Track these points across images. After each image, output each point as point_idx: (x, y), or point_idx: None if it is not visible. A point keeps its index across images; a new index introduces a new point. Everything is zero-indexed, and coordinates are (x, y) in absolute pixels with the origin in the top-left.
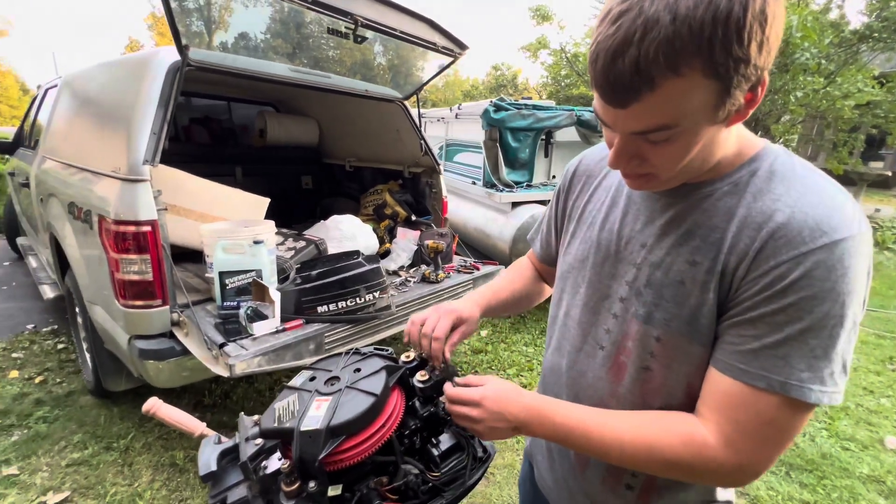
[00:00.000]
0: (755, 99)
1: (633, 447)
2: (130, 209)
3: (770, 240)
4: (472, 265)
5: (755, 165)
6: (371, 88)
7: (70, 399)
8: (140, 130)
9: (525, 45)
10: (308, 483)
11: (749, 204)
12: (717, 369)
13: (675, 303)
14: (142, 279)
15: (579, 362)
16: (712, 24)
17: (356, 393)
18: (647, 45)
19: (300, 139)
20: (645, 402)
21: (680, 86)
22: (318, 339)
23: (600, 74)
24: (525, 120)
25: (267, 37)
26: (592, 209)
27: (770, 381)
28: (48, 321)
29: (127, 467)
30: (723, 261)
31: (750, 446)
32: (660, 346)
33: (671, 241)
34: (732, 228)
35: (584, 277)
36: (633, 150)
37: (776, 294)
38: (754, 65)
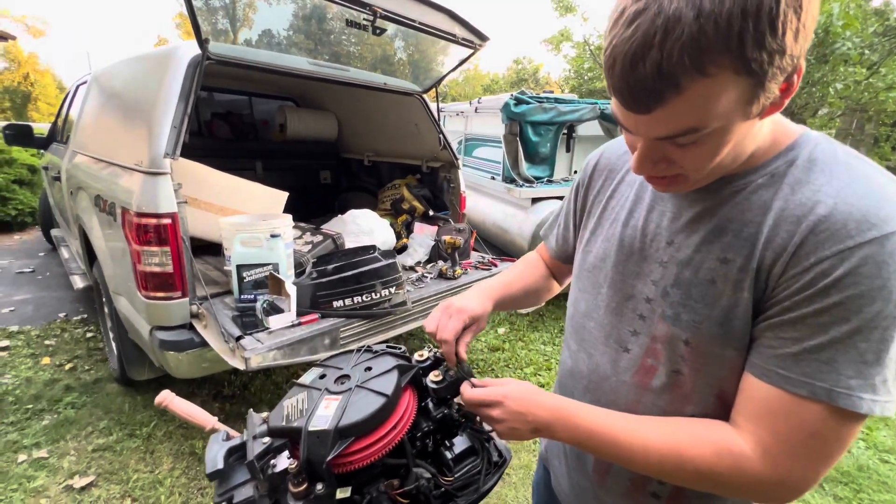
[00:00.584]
0: (791, 88)
1: (661, 455)
2: (151, 202)
3: (811, 234)
4: (489, 262)
5: (793, 154)
6: (390, 81)
7: (97, 386)
8: (161, 124)
9: (547, 38)
10: (316, 485)
11: (787, 196)
12: (753, 375)
13: (704, 303)
14: (162, 271)
15: (602, 366)
16: (742, 18)
17: (366, 393)
18: (670, 46)
19: (319, 134)
20: (674, 410)
21: (708, 87)
22: (334, 333)
23: (619, 80)
24: (546, 114)
25: (290, 33)
26: (615, 205)
27: (814, 388)
28: (78, 310)
29: (149, 454)
30: (758, 257)
31: (792, 460)
32: (689, 349)
33: (700, 237)
34: (769, 222)
35: (606, 277)
36: (659, 154)
37: (819, 293)
38: (790, 54)
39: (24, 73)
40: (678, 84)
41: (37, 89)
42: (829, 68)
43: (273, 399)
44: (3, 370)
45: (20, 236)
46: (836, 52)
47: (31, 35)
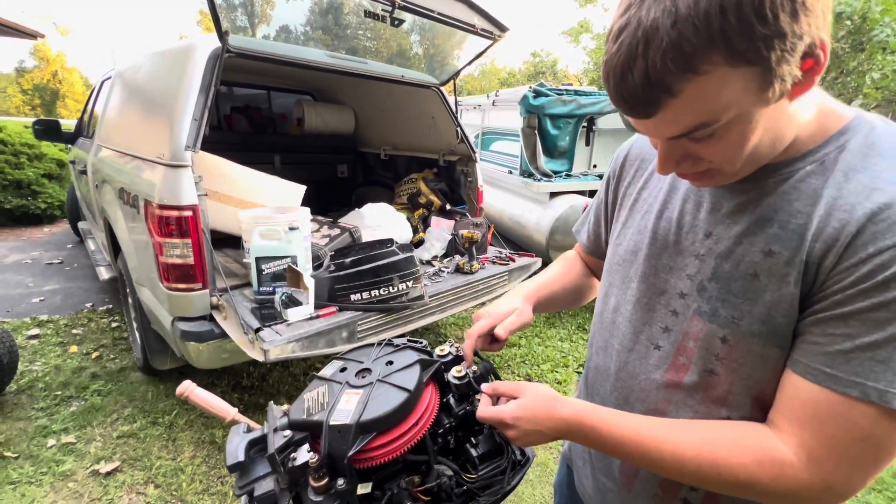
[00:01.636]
0: (818, 65)
1: (697, 465)
2: (173, 194)
3: (869, 223)
4: (507, 256)
5: (844, 139)
6: (407, 74)
7: (122, 375)
8: (182, 117)
9: (566, 30)
10: (337, 479)
11: (840, 183)
12: (797, 373)
13: (745, 299)
14: (184, 262)
15: (630, 364)
16: (721, 15)
17: (388, 387)
18: (653, 55)
19: (337, 128)
20: (707, 412)
21: (706, 83)
22: (351, 326)
23: (614, 93)
24: (566, 106)
25: (306, 28)
26: (648, 196)
27: (866, 388)
28: (104, 301)
29: (171, 442)
30: (806, 250)
31: (839, 466)
32: (727, 347)
33: (742, 228)
34: (819, 212)
35: (637, 271)
36: (680, 152)
37: (877, 286)
38: (794, 34)
39: (52, 71)
40: (670, 88)
41: (64, 87)
42: (865, 56)
43: (291, 390)
44: (34, 357)
45: (49, 229)
46: (873, 40)
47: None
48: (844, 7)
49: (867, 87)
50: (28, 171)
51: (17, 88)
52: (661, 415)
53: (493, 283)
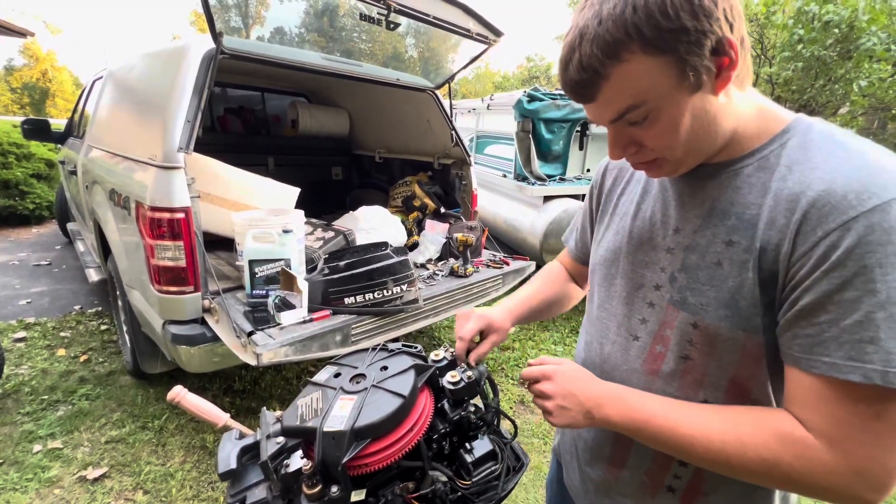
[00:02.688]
0: (732, 62)
1: (723, 442)
2: (165, 196)
3: (812, 208)
4: (501, 260)
5: (786, 137)
6: (403, 77)
7: (111, 378)
8: (175, 118)
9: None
10: (331, 487)
11: (784, 175)
12: (799, 369)
13: (710, 286)
14: (175, 265)
15: (612, 356)
16: (633, 12)
17: (383, 393)
18: (585, 46)
19: (331, 130)
20: (685, 396)
21: (628, 69)
22: (345, 330)
23: (561, 82)
24: (560, 111)
25: (301, 29)
26: (626, 200)
27: (865, 371)
28: (93, 303)
29: (161, 447)
30: (761, 237)
31: (861, 447)
32: (698, 333)
33: (704, 222)
34: (768, 202)
35: (619, 269)
36: (625, 137)
37: (833, 266)
38: (697, 31)
39: (42, 70)
40: (600, 72)
41: (54, 85)
42: (852, 65)
43: (284, 395)
44: (20, 361)
45: (37, 230)
46: (860, 48)
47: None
48: (832, 16)
49: (854, 94)
50: (16, 170)
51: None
52: None
53: (487, 287)
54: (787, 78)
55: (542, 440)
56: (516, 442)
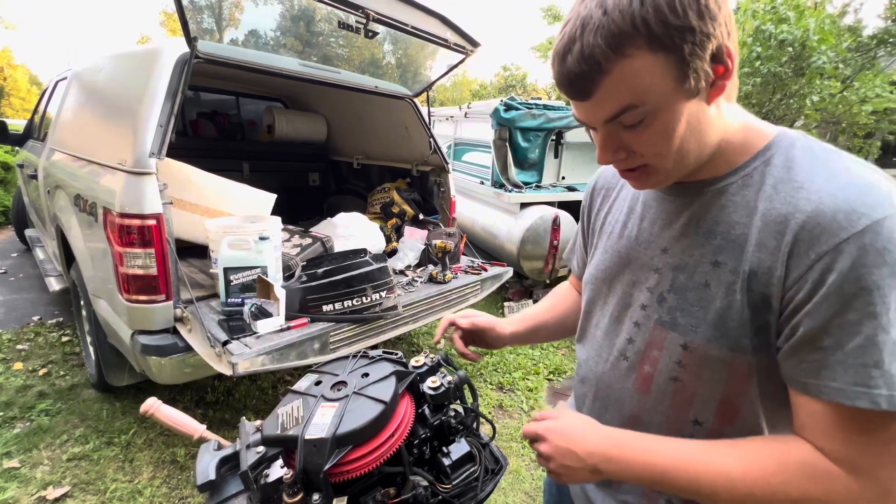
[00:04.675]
0: (728, 71)
1: (748, 486)
2: (135, 202)
3: (803, 230)
4: (479, 266)
5: (769, 154)
6: (381, 85)
7: (73, 392)
8: (146, 123)
9: (536, 46)
10: (312, 495)
11: (770, 196)
12: (808, 395)
13: (700, 306)
14: (146, 273)
15: (605, 374)
16: (640, 4)
17: (364, 400)
18: (587, 36)
19: (308, 136)
20: (677, 416)
21: (631, 65)
22: (323, 338)
23: (557, 74)
24: (535, 120)
25: (277, 34)
26: (612, 220)
27: (872, 397)
28: (53, 313)
29: (128, 463)
30: (750, 259)
31: (882, 469)
32: (687, 354)
33: (691, 241)
34: (756, 223)
35: (608, 288)
36: (616, 141)
37: (830, 290)
38: (702, 32)
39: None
40: (601, 65)
41: (9, 84)
42: (805, 81)
43: (259, 405)
44: None
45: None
46: (812, 66)
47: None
48: (787, 35)
49: (808, 108)
50: None
51: None
52: (636, 421)
53: (465, 293)
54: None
55: (521, 444)
56: (495, 445)
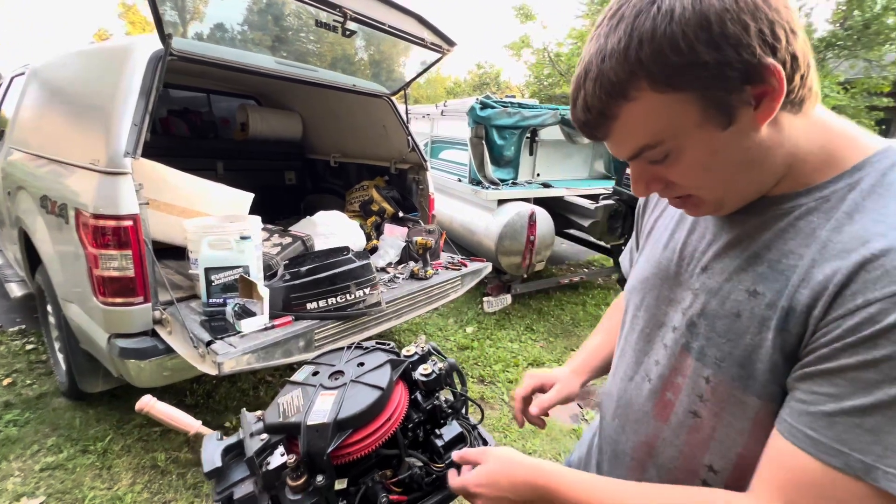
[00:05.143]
0: (776, 90)
1: None
2: (111, 203)
3: (861, 270)
4: (459, 262)
5: (860, 175)
6: (358, 83)
7: (42, 402)
8: (120, 122)
9: (509, 44)
10: (316, 476)
11: (840, 225)
12: (780, 432)
13: (727, 339)
14: (122, 275)
15: (628, 392)
16: (639, 46)
17: (362, 387)
18: (589, 85)
19: (283, 134)
20: (692, 455)
21: (637, 107)
22: (308, 335)
23: (572, 118)
24: (511, 118)
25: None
26: (661, 225)
27: (850, 460)
28: (15, 321)
29: (105, 470)
30: (789, 294)
31: None
32: (710, 389)
33: (733, 264)
34: (811, 254)
35: (643, 300)
36: (647, 174)
37: (864, 341)
38: (719, 63)
39: None
40: (606, 113)
41: None
42: None
43: (239, 406)
44: None
45: None
46: None
47: None
48: None
49: None
50: None
51: None
52: (650, 449)
53: (446, 289)
54: None
55: (503, 433)
56: (482, 427)
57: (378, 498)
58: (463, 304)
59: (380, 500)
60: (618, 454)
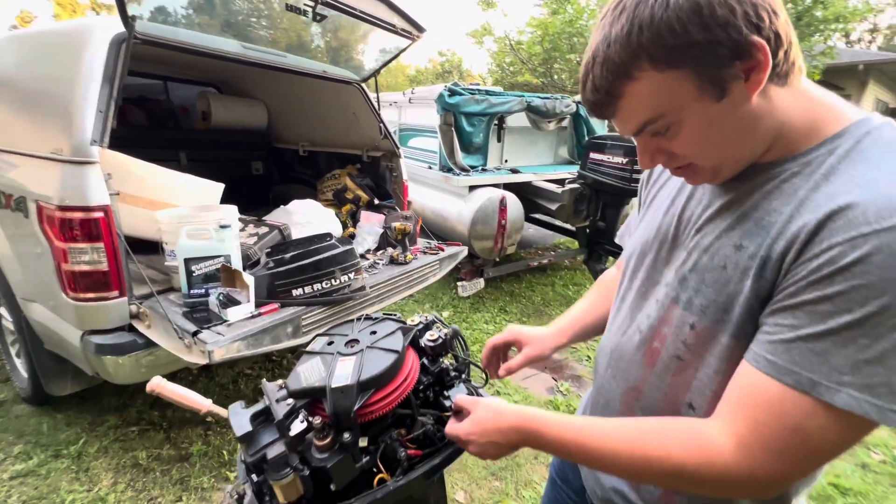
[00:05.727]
0: (761, 65)
1: (630, 461)
2: (78, 194)
3: (828, 220)
4: (436, 246)
5: (838, 142)
6: (329, 69)
7: (1, 410)
8: (84, 109)
9: (470, 32)
10: (342, 434)
11: (817, 185)
12: (746, 360)
13: (714, 289)
14: (95, 269)
15: (621, 345)
16: (640, 32)
17: (378, 351)
18: (597, 69)
19: (248, 122)
20: (675, 395)
21: (641, 86)
22: (296, 321)
23: (583, 101)
24: (479, 105)
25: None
26: (663, 195)
27: (800, 377)
28: None
29: (83, 473)
30: (768, 245)
31: (766, 453)
32: (693, 334)
33: (724, 224)
34: (789, 210)
35: (643, 263)
36: (652, 147)
37: (823, 279)
38: (710, 42)
39: None
40: (612, 93)
41: None
42: None
43: (220, 399)
44: None
45: None
46: None
47: None
48: None
49: None
50: None
51: None
52: (637, 393)
53: (426, 272)
54: None
55: None
56: (484, 391)
57: (397, 453)
58: (438, 290)
59: (399, 455)
60: (609, 402)
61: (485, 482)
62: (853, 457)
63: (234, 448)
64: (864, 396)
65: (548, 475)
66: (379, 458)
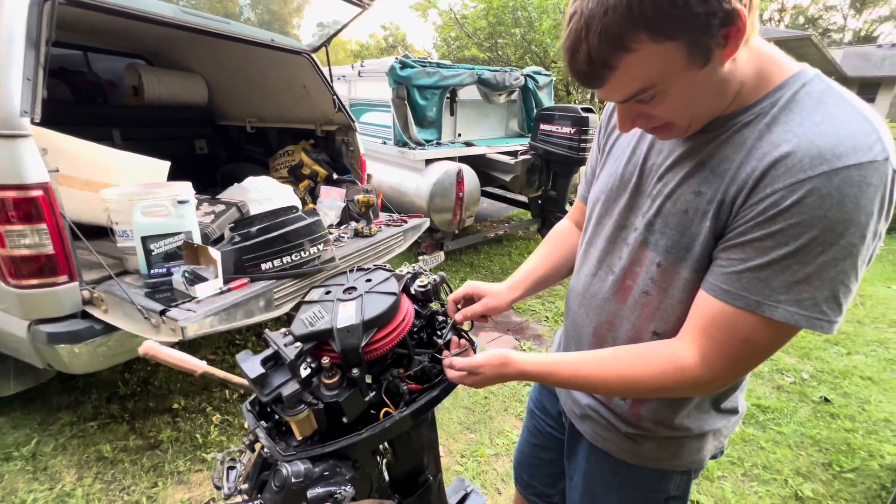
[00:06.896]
0: (740, 30)
1: (620, 386)
2: (11, 171)
3: (771, 168)
4: (399, 219)
5: (780, 94)
6: (277, 38)
7: None
8: (7, 76)
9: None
10: (351, 370)
11: (761, 135)
12: (704, 290)
13: (677, 231)
14: (38, 253)
15: (593, 286)
16: (639, 2)
17: (377, 295)
18: (592, 38)
19: (186, 98)
20: (642, 325)
21: (636, 57)
22: (268, 295)
23: (568, 70)
24: (431, 77)
25: None
26: (623, 142)
27: (748, 300)
28: None
29: (41, 472)
30: (723, 190)
31: (725, 362)
32: (660, 271)
33: (684, 172)
34: (740, 158)
35: (608, 209)
36: (634, 112)
37: (767, 220)
38: (707, 14)
39: None
40: (608, 64)
41: None
42: None
43: (185, 387)
44: None
45: None
46: None
47: None
48: None
49: None
50: None
51: None
52: (610, 326)
53: (391, 244)
54: None
55: None
56: (468, 332)
57: (399, 388)
58: (399, 265)
59: (401, 389)
60: (581, 336)
61: (461, 436)
62: (770, 381)
63: (206, 432)
64: (794, 309)
65: (522, 419)
66: (384, 390)
